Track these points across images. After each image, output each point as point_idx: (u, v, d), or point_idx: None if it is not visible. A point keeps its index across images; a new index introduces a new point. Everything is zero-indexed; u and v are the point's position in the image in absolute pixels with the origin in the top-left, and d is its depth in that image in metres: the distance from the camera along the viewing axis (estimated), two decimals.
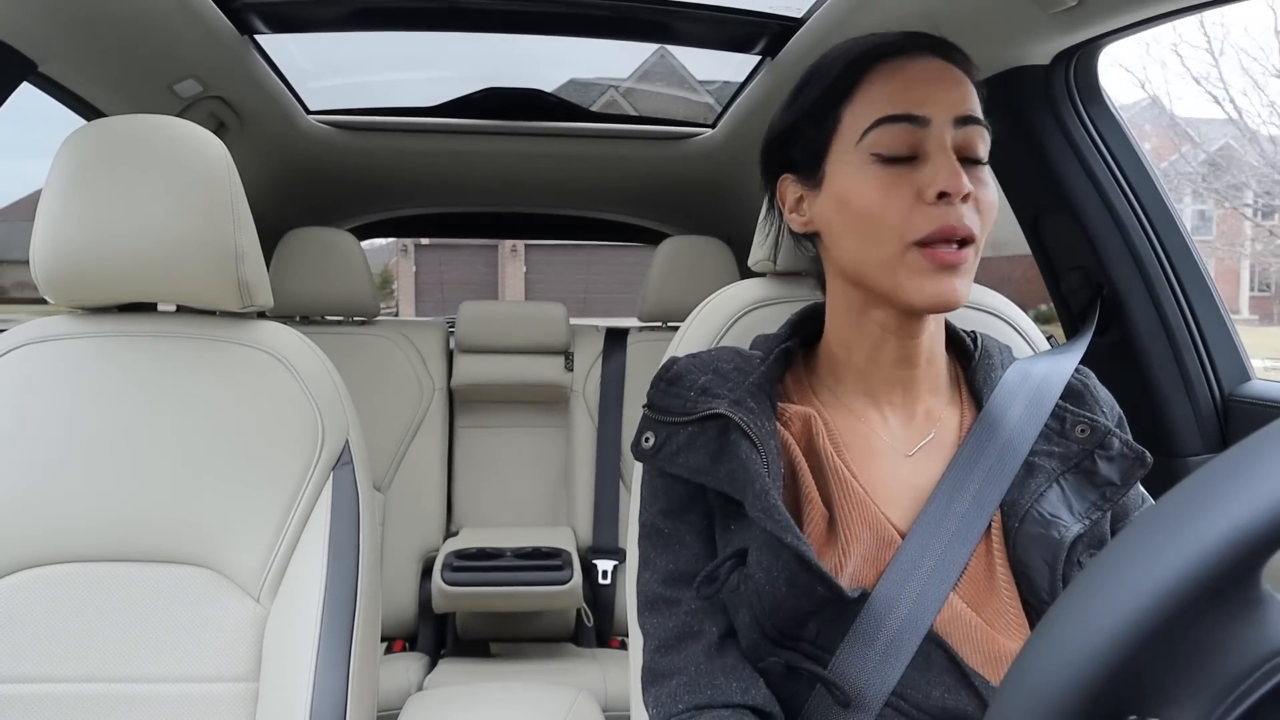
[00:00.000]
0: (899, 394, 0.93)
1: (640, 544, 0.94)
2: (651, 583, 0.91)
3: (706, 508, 0.91)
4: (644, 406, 0.95)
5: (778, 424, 0.91)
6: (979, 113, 0.87)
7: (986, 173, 0.88)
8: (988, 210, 0.86)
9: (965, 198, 0.82)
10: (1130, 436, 0.93)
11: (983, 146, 0.87)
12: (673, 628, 0.88)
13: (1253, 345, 1.63)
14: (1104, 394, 0.97)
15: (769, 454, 0.84)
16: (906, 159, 0.85)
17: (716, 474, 0.86)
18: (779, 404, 0.93)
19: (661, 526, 0.92)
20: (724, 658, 0.85)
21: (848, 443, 0.91)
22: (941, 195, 0.82)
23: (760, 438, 0.85)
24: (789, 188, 0.96)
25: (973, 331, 1.02)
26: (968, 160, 0.86)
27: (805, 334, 1.01)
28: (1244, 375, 1.61)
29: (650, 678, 0.88)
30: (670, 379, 0.94)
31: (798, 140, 0.93)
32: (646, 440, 0.92)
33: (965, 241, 0.83)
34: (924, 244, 0.83)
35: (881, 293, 0.87)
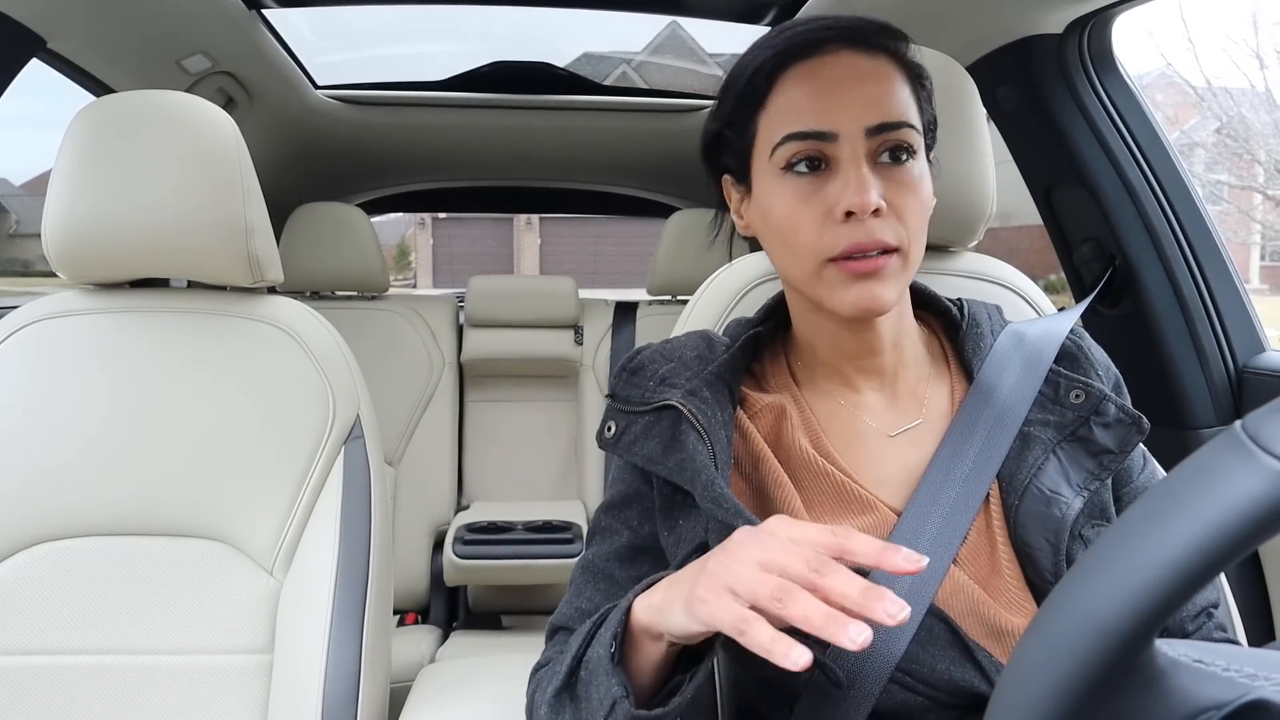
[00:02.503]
0: (874, 379, 0.92)
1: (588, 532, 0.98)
2: (575, 568, 0.95)
3: (647, 505, 0.91)
4: (606, 396, 0.96)
5: (742, 414, 0.91)
6: (899, 114, 0.82)
7: (913, 171, 0.83)
8: (915, 213, 0.82)
9: (877, 211, 0.80)
10: (1128, 399, 0.91)
11: (908, 145, 0.82)
12: (565, 614, 0.92)
13: (1265, 315, 1.62)
14: (1099, 354, 0.95)
15: (717, 444, 0.84)
16: (819, 169, 0.83)
17: (667, 463, 0.86)
18: (751, 394, 0.93)
19: (600, 520, 0.95)
20: None
21: (828, 429, 0.90)
22: (849, 214, 0.80)
23: (709, 428, 0.85)
24: (731, 189, 0.94)
25: (959, 300, 1.00)
26: (889, 162, 0.82)
27: (783, 317, 0.99)
28: (1259, 346, 1.60)
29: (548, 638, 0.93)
30: (632, 369, 0.94)
31: (726, 147, 0.92)
32: (608, 429, 0.92)
33: (887, 249, 0.81)
34: (838, 259, 0.81)
35: (812, 301, 0.87)
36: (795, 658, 0.57)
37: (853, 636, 0.56)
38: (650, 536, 0.91)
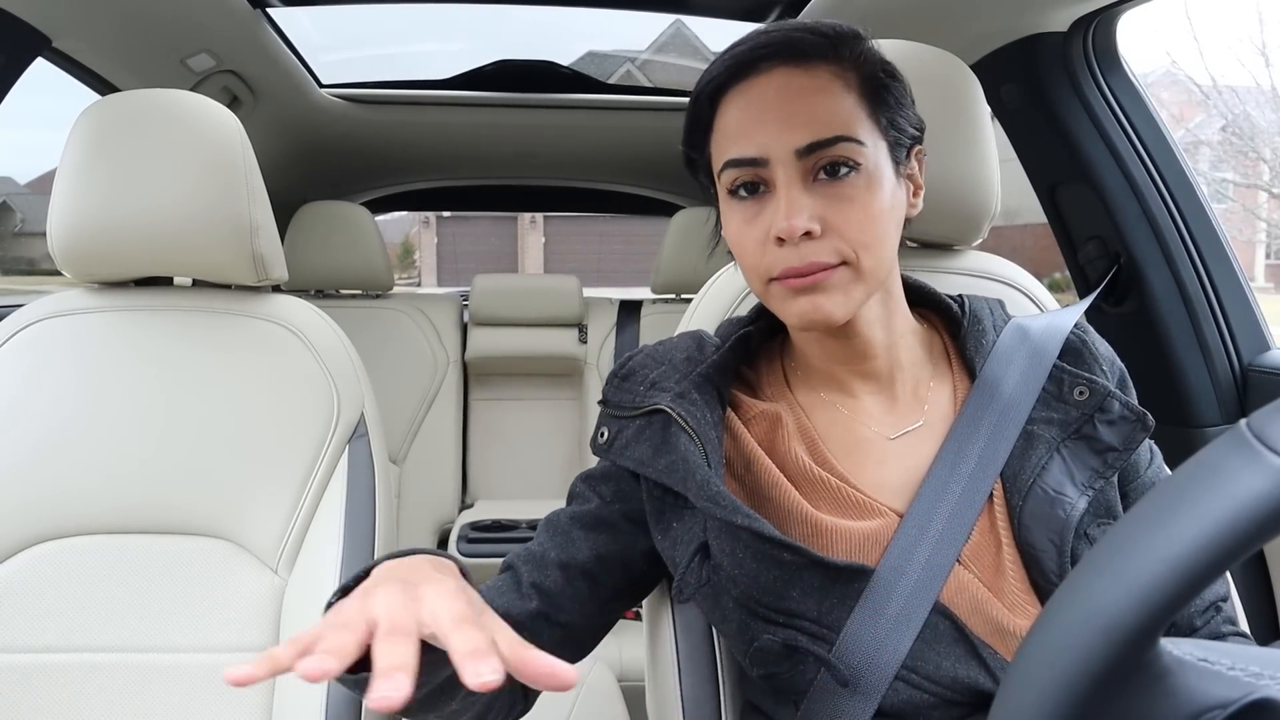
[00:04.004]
0: (870, 383, 0.91)
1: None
2: (542, 520, 0.95)
3: (625, 489, 0.92)
4: (599, 402, 0.96)
5: (733, 415, 0.91)
6: (833, 129, 0.79)
7: (857, 184, 0.80)
8: (860, 228, 0.80)
9: (810, 234, 0.78)
10: (1134, 393, 0.91)
11: (846, 159, 0.80)
12: (517, 554, 0.91)
13: (1270, 314, 1.62)
14: (1103, 349, 0.94)
15: (708, 445, 0.84)
16: (759, 192, 0.82)
17: (657, 465, 0.87)
18: (745, 399, 0.93)
19: (576, 486, 0.96)
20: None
21: (826, 436, 0.90)
22: (781, 239, 0.80)
23: (699, 430, 0.85)
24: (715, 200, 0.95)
25: (960, 296, 0.99)
26: (827, 179, 0.80)
27: (774, 318, 0.97)
28: (1263, 345, 1.60)
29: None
30: (624, 375, 0.95)
31: (696, 166, 0.92)
32: (601, 435, 0.93)
33: (825, 268, 0.80)
34: (778, 278, 0.81)
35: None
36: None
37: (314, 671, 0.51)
38: (618, 515, 0.91)
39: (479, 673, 0.50)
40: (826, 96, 0.81)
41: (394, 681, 0.49)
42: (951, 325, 0.97)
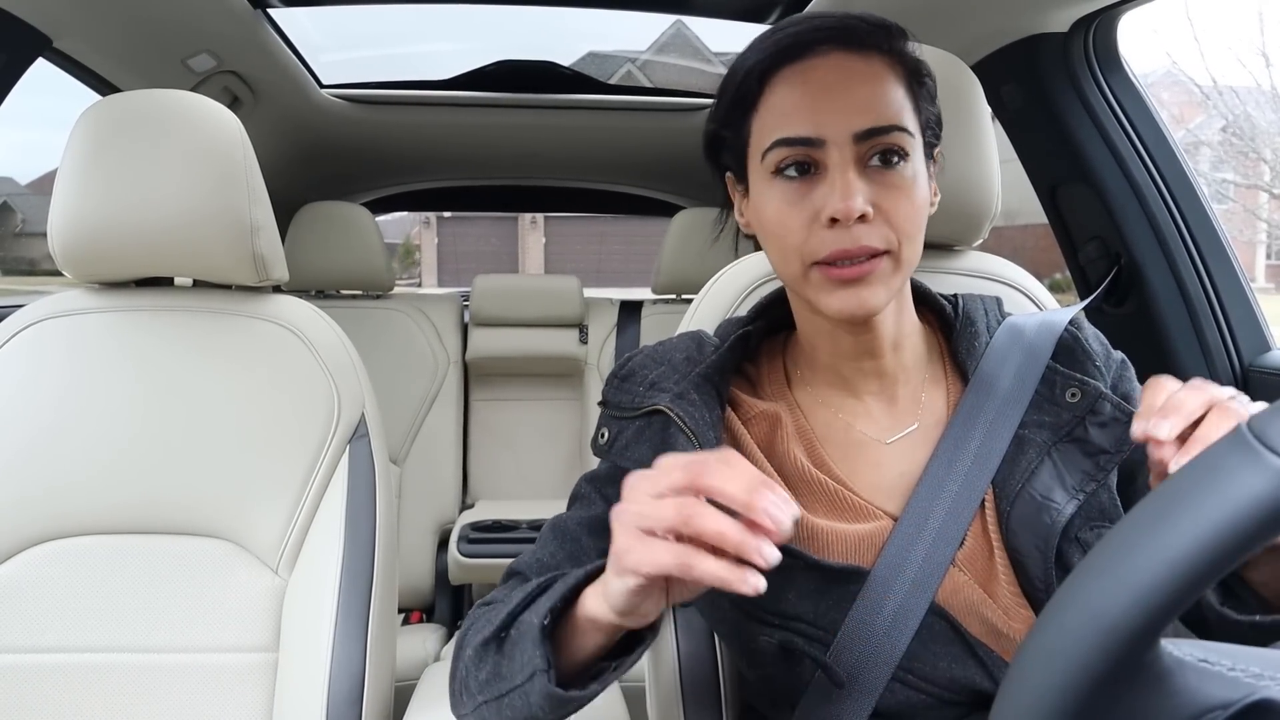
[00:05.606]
0: (874, 382, 0.91)
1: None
2: (546, 524, 0.93)
3: None
4: (599, 403, 0.96)
5: (733, 415, 0.91)
6: (889, 117, 0.80)
7: (905, 174, 0.81)
8: (906, 216, 0.80)
9: (864, 217, 0.78)
10: (1135, 377, 0.91)
11: (899, 148, 0.80)
12: (525, 561, 0.90)
13: (1270, 314, 1.62)
14: (1097, 345, 0.93)
15: (706, 445, 0.84)
16: (809, 173, 0.81)
17: None
18: (746, 399, 0.93)
19: (581, 488, 0.94)
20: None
21: (824, 438, 0.90)
22: (834, 220, 0.79)
23: (697, 430, 0.85)
24: (733, 186, 0.93)
25: (955, 296, 0.99)
26: (880, 166, 0.80)
27: (778, 316, 0.98)
28: (1264, 345, 1.60)
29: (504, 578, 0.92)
30: (623, 375, 0.94)
31: (724, 147, 0.91)
32: (602, 436, 0.93)
33: (875, 254, 0.80)
34: (824, 263, 0.80)
35: (806, 301, 0.87)
36: (754, 581, 0.57)
37: (765, 554, 0.57)
38: None
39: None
40: (883, 85, 0.81)
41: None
42: (946, 326, 0.97)
